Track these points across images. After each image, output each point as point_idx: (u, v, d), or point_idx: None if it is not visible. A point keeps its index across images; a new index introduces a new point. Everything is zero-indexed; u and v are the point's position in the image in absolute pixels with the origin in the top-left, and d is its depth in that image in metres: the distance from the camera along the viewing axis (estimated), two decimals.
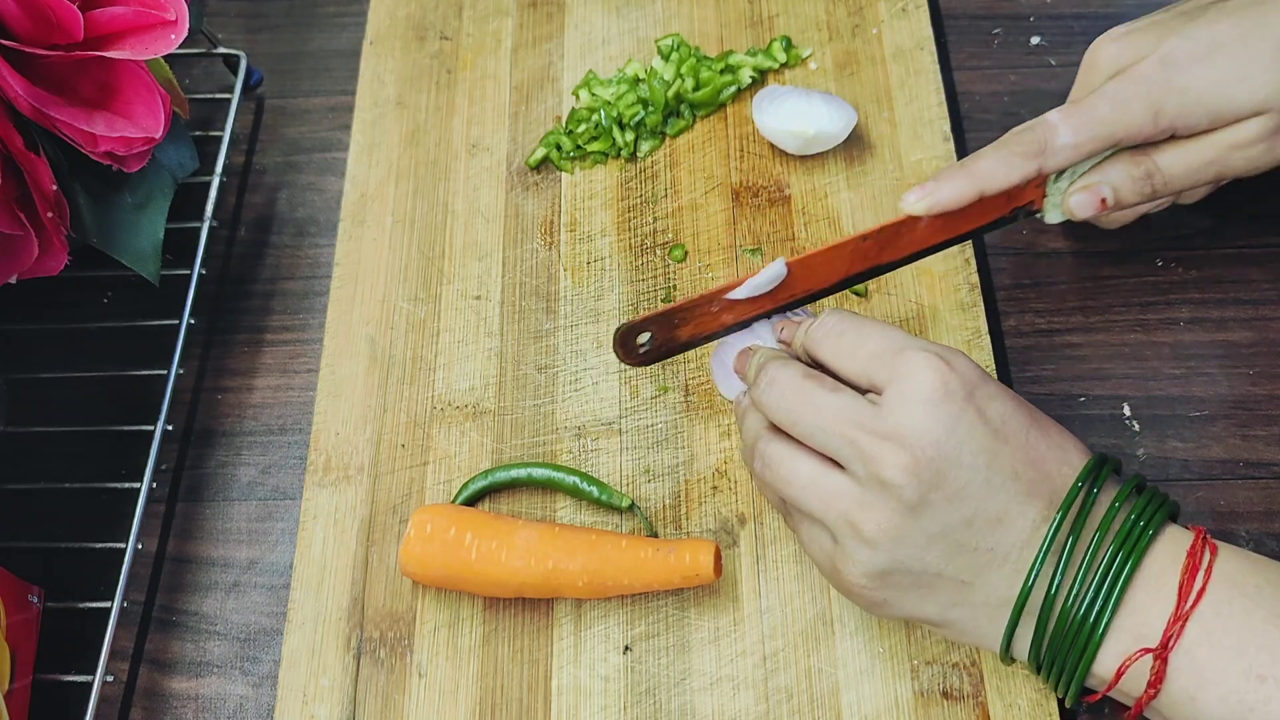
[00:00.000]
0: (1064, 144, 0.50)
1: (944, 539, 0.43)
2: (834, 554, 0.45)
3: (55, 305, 0.62)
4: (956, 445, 0.43)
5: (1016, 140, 0.50)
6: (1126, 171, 0.51)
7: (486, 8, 0.70)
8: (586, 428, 0.57)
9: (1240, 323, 0.58)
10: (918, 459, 0.42)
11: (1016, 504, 0.43)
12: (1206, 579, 0.42)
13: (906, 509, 0.43)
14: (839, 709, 0.49)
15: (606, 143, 0.64)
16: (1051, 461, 0.44)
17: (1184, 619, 0.41)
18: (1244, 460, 0.55)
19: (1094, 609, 0.42)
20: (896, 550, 0.43)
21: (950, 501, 0.43)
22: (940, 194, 0.49)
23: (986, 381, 0.45)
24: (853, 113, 0.62)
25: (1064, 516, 0.43)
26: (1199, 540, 0.43)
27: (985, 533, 0.43)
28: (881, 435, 0.43)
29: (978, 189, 0.50)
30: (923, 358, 0.44)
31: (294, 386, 0.60)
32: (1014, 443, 0.44)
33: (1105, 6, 0.69)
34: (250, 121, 0.69)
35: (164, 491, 0.58)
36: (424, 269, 0.62)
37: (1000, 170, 0.50)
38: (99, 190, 0.55)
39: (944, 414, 0.43)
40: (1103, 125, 0.50)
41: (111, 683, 0.52)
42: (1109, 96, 0.50)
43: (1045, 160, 0.50)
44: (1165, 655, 0.42)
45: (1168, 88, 0.49)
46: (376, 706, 0.51)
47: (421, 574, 0.51)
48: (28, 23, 0.49)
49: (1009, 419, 0.44)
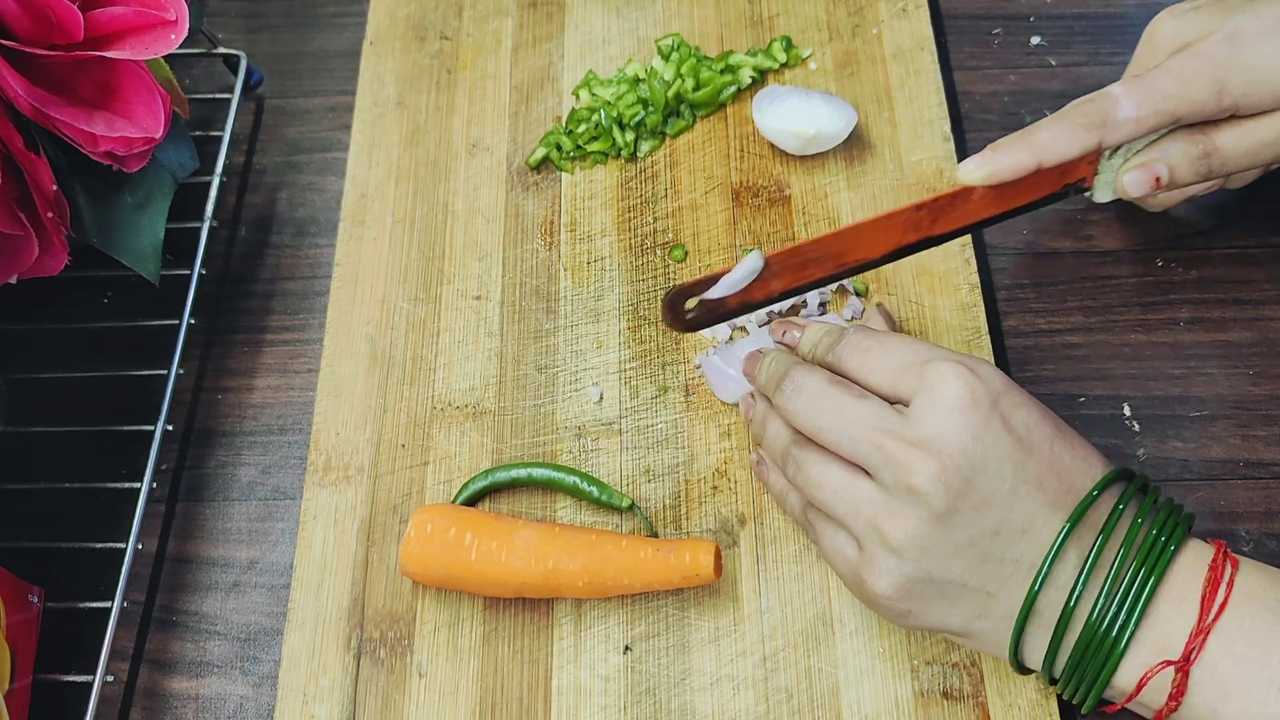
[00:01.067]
0: (1126, 117, 0.49)
1: (970, 549, 0.43)
2: (859, 564, 0.45)
3: (55, 305, 0.62)
4: (983, 453, 0.43)
5: (1078, 112, 0.49)
6: (1184, 150, 0.50)
7: (486, 8, 0.70)
8: (586, 428, 0.57)
9: (1240, 323, 0.58)
10: (945, 466, 0.42)
11: (1042, 514, 0.43)
12: (1228, 592, 0.42)
13: (934, 517, 0.43)
14: (839, 709, 0.49)
15: (606, 143, 0.64)
16: (1076, 474, 0.44)
17: (1206, 632, 0.42)
18: (1244, 460, 0.55)
19: (1117, 622, 0.42)
20: (923, 560, 0.43)
21: (978, 510, 0.43)
22: (999, 163, 0.49)
23: (1012, 390, 0.44)
24: (853, 113, 0.62)
25: (1074, 525, 0.43)
26: (1220, 554, 0.43)
27: (1011, 543, 0.43)
28: (910, 442, 0.43)
29: (1036, 160, 0.49)
30: (949, 367, 0.44)
31: (294, 386, 0.60)
32: (1039, 452, 0.44)
33: (1105, 6, 0.69)
34: (250, 121, 0.69)
35: (164, 491, 0.58)
36: (424, 269, 0.62)
37: (1061, 141, 0.49)
38: (99, 190, 0.55)
39: (971, 422, 0.43)
40: (1165, 100, 0.49)
41: (111, 683, 0.52)
42: (1173, 71, 0.49)
43: (1106, 133, 0.49)
44: (1187, 668, 0.42)
45: (1233, 64, 0.49)
46: (376, 706, 0.51)
47: (422, 574, 0.51)
48: (28, 23, 0.49)
49: (1034, 428, 0.44)
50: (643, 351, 0.58)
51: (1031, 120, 0.64)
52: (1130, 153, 0.51)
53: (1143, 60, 0.53)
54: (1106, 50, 0.67)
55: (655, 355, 0.58)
